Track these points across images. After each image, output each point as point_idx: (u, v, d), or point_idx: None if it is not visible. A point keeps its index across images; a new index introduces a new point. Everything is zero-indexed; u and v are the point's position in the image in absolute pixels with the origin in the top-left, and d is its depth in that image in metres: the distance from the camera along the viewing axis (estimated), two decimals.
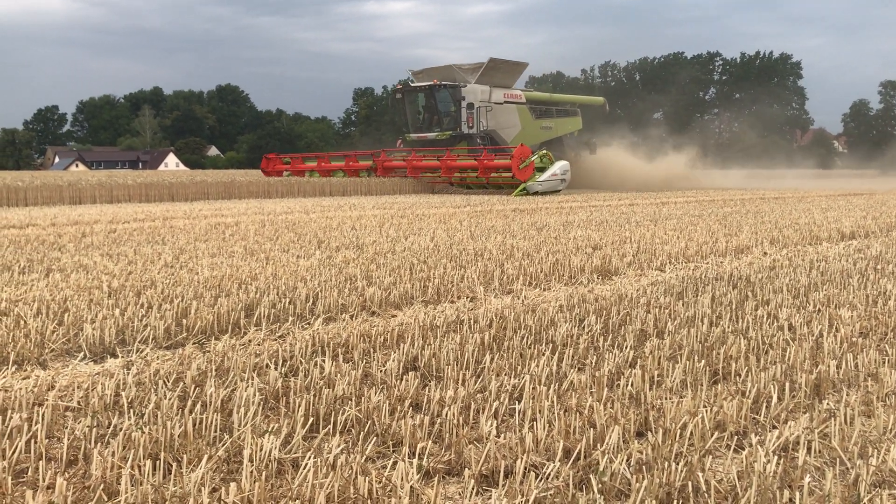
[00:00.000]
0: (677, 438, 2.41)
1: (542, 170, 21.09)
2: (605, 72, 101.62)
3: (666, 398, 2.83)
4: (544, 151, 21.89)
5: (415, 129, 26.50)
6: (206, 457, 2.16)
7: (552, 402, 2.72)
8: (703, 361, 3.25)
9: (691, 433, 2.44)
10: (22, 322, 3.85)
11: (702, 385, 3.01)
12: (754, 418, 2.68)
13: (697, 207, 14.65)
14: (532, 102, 28.32)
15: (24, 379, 3.05)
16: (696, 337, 3.70)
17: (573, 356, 3.36)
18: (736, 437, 2.53)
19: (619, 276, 5.85)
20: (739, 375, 3.16)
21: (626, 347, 3.51)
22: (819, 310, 4.47)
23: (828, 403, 2.84)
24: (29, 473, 2.12)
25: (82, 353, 3.44)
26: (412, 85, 26.23)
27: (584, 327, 3.93)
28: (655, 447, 2.32)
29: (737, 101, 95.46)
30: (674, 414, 2.60)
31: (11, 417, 2.44)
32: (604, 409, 2.62)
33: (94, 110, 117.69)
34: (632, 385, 2.94)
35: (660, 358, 3.33)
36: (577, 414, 2.62)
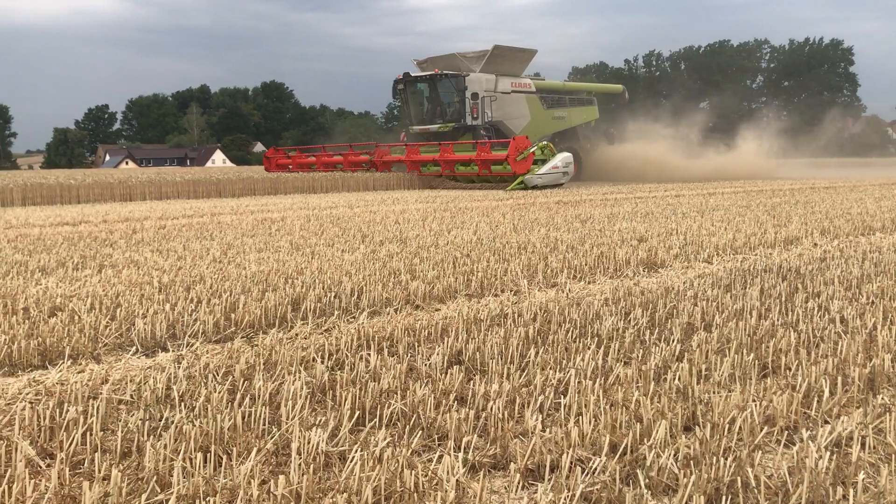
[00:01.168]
0: (726, 433, 2.38)
1: (542, 162, 19.69)
2: (649, 61, 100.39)
3: (714, 392, 2.79)
4: (545, 143, 20.53)
5: (418, 122, 25.11)
6: (255, 450, 2.19)
7: (598, 396, 2.70)
8: (751, 355, 3.19)
9: (740, 428, 2.40)
10: (76, 317, 3.95)
11: (751, 379, 2.96)
12: (805, 413, 2.63)
13: (745, 198, 14.39)
14: (543, 91, 26.64)
15: (79, 373, 3.13)
16: (745, 330, 3.64)
17: (619, 350, 3.33)
18: (786, 431, 2.48)
19: (666, 269, 5.78)
20: (789, 369, 3.11)
21: (673, 341, 3.47)
22: (872, 302, 4.36)
23: (882, 398, 2.77)
24: (85, 465, 2.18)
25: (134, 348, 3.52)
26: (412, 75, 24.73)
27: (629, 321, 3.89)
28: (703, 442, 2.30)
29: (785, 88, 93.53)
30: (722, 408, 2.56)
31: (68, 410, 2.51)
32: (650, 404, 2.60)
33: (142, 109, 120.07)
34: (679, 379, 2.91)
35: (707, 351, 3.29)
36: (624, 408, 2.60)
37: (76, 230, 9.13)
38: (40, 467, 2.16)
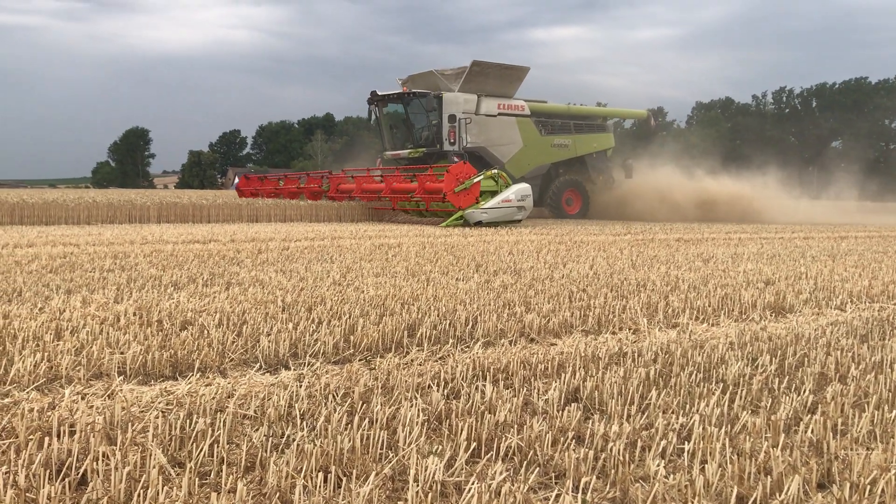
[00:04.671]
0: (866, 494, 2.21)
1: (492, 194, 17.19)
2: (778, 97, 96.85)
3: (851, 449, 2.62)
4: (496, 171, 17.82)
5: (391, 146, 22.86)
6: (373, 473, 2.21)
7: (724, 444, 2.58)
8: (894, 412, 2.98)
9: (882, 490, 2.24)
10: (205, 332, 4.12)
11: (893, 437, 2.76)
12: None
13: (881, 243, 13.57)
14: (541, 115, 23.98)
15: (206, 385, 3.26)
16: (885, 384, 3.40)
17: (745, 397, 3.18)
18: None
19: (794, 314, 5.50)
20: None
21: (805, 391, 3.28)
22: None
23: None
24: (211, 476, 2.25)
25: (258, 364, 3.64)
26: (379, 94, 22.31)
27: (756, 367, 3.72)
28: (841, 502, 2.15)
29: None
30: (861, 467, 2.39)
31: (197, 422, 2.60)
32: (781, 456, 2.46)
33: (271, 135, 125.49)
34: (812, 432, 2.74)
35: (843, 405, 3.09)
36: (751, 459, 2.47)
37: (206, 248, 9.58)
38: (171, 475, 2.25)
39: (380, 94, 22.25)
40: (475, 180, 16.80)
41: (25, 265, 7.18)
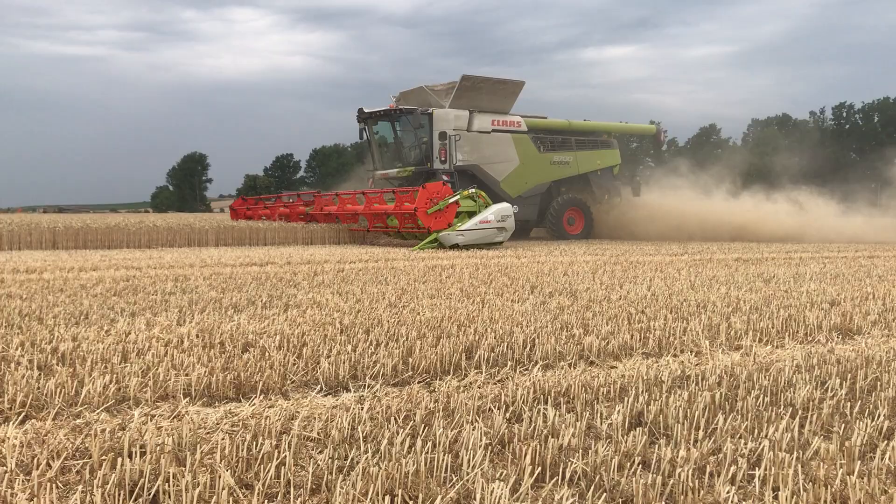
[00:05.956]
0: None
1: (470, 214, 16.33)
2: (838, 113, 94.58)
3: None
4: (474, 190, 16.96)
5: (380, 165, 22.13)
6: (438, 497, 2.20)
7: (796, 470, 2.50)
8: None
9: None
10: (266, 354, 4.18)
11: None
12: None
13: None
14: (539, 131, 22.85)
15: (269, 407, 3.29)
16: None
17: (816, 422, 3.09)
18: None
19: (863, 336, 5.33)
20: None
21: (879, 416, 3.17)
22: None
23: None
24: (279, 498, 2.27)
25: (318, 386, 3.67)
26: (367, 111, 21.36)
27: (826, 391, 3.61)
28: None
29: None
30: None
31: (262, 444, 2.63)
32: (858, 484, 2.37)
33: (323, 158, 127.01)
34: (889, 459, 2.65)
35: None
36: (826, 487, 2.39)
37: (263, 270, 9.73)
38: (239, 497, 2.27)
39: (367, 111, 21.43)
40: (450, 200, 16.04)
41: (90, 288, 7.39)
